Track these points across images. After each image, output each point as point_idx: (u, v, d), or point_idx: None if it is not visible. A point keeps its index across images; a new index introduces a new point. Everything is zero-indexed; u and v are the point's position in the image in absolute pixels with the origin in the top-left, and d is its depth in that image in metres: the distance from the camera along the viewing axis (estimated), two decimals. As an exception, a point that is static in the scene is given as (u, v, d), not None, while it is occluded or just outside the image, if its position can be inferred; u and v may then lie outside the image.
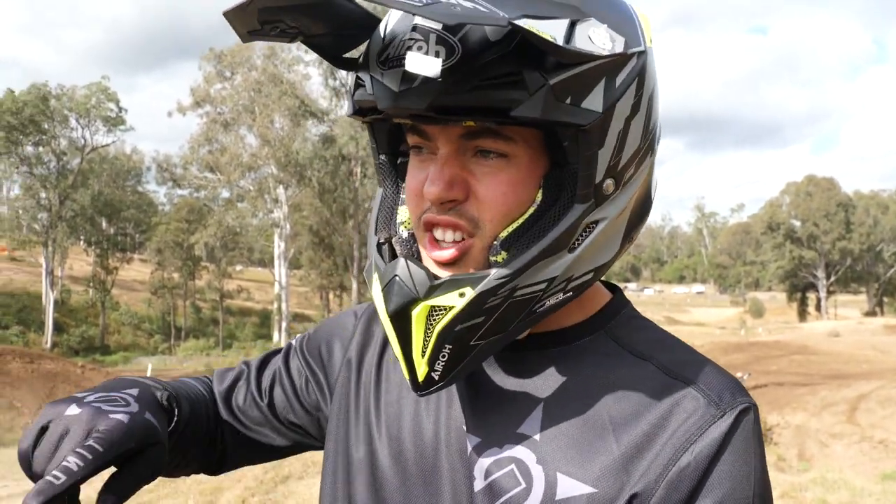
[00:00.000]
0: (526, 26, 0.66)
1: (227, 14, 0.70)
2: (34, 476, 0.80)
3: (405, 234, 0.90)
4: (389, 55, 0.74)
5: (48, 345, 49.27)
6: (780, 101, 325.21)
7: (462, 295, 0.78)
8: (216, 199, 56.29)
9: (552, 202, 0.81)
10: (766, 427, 13.00)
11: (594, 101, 0.75)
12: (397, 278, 0.80)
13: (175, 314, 66.98)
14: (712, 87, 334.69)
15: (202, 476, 1.15)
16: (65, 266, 60.33)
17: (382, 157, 0.94)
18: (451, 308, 0.78)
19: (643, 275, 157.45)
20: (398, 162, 0.94)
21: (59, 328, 54.04)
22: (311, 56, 46.37)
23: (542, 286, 0.80)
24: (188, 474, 1.15)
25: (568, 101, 0.74)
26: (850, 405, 16.75)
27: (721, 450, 0.80)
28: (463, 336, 0.80)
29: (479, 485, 0.86)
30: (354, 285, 49.86)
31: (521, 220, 0.81)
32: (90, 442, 0.79)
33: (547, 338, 0.91)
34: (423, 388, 0.83)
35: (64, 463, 0.77)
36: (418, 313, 0.79)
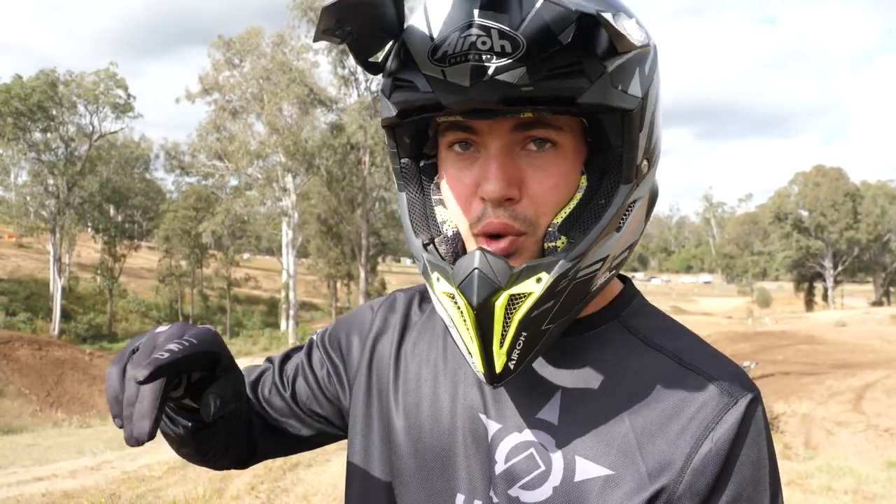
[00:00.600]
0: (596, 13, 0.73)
1: (325, 8, 0.74)
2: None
3: (450, 233, 0.91)
4: (448, 52, 0.76)
5: (56, 332, 49.55)
6: (789, 91, 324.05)
7: (539, 280, 0.80)
8: (224, 188, 56.40)
9: (596, 187, 0.85)
10: (773, 416, 13.04)
11: (636, 87, 0.81)
12: (477, 271, 0.80)
13: (182, 302, 67.22)
14: (722, 76, 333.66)
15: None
16: (72, 253, 60.53)
17: (405, 160, 0.95)
18: (529, 294, 0.80)
19: (651, 264, 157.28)
20: (421, 164, 0.96)
21: (66, 315, 54.29)
22: (321, 44, 46.30)
23: (598, 266, 0.84)
24: (226, 466, 1.18)
25: (620, 87, 0.79)
26: (855, 394, 16.77)
27: (738, 437, 0.85)
28: (537, 321, 0.82)
29: (499, 468, 0.90)
30: (362, 274, 49.94)
31: (572, 206, 0.85)
32: (186, 337, 0.88)
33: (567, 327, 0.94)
34: (500, 378, 0.85)
35: (167, 346, 0.85)
36: (501, 303, 0.80)
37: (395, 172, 0.96)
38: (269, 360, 1.25)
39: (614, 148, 0.84)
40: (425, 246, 0.92)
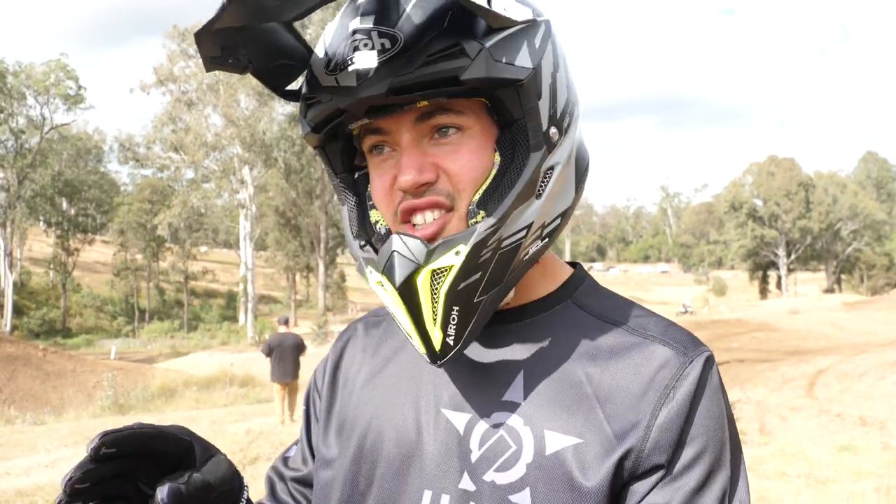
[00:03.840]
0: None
1: (197, 35, 0.77)
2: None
3: (382, 231, 0.94)
4: (337, 62, 0.83)
5: (7, 327, 48.58)
6: (746, 81, 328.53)
7: (458, 253, 0.83)
8: (180, 180, 55.63)
9: (510, 160, 0.88)
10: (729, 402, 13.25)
11: (524, 59, 0.84)
12: (396, 253, 0.84)
13: (138, 296, 66.29)
14: (681, 67, 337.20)
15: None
16: (24, 247, 59.32)
17: (341, 175, 0.99)
18: (451, 267, 0.83)
19: (608, 255, 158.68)
20: (356, 176, 1.00)
21: (18, 311, 53.23)
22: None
23: (523, 233, 0.87)
24: None
25: (503, 60, 0.83)
26: (808, 380, 17.11)
27: (698, 392, 0.88)
28: (467, 294, 0.85)
29: (475, 456, 0.91)
30: (321, 266, 49.70)
31: (488, 182, 0.88)
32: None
33: (519, 311, 0.98)
34: (440, 355, 0.87)
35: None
36: (423, 280, 0.84)
37: (334, 188, 1.01)
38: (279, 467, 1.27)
39: (518, 120, 0.87)
40: (362, 247, 0.95)
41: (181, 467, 0.88)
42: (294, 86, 0.91)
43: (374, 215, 0.96)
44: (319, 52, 0.86)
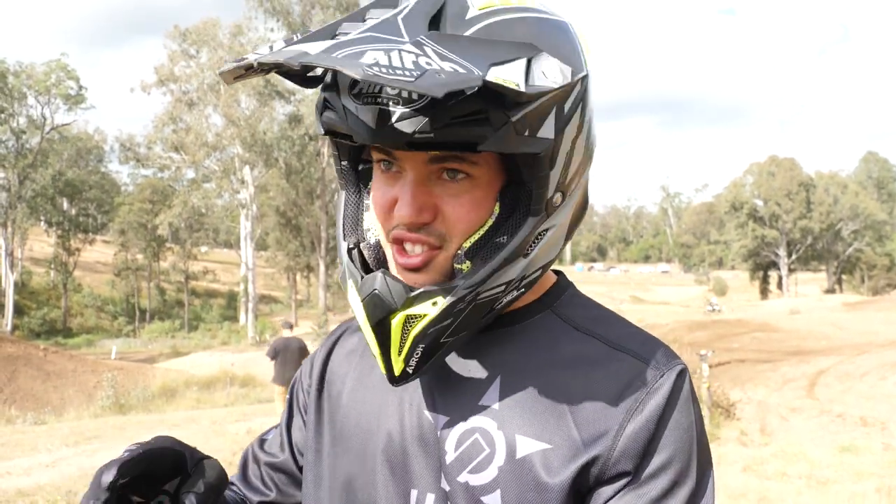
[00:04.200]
0: (493, 78, 0.73)
1: (221, 74, 0.80)
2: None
3: (373, 241, 0.96)
4: (362, 90, 0.80)
5: (8, 327, 48.57)
6: (747, 81, 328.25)
7: (434, 304, 0.86)
8: (181, 180, 55.63)
9: (508, 214, 0.89)
10: (729, 403, 13.25)
11: (547, 129, 0.83)
12: (376, 291, 0.87)
13: (139, 296, 66.29)
14: (682, 67, 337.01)
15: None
16: (25, 247, 59.32)
17: (344, 163, 0.99)
18: (424, 315, 0.87)
19: (609, 255, 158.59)
20: (360, 168, 1.00)
21: (19, 311, 53.23)
22: (278, 35, 45.83)
23: (502, 289, 0.90)
24: None
25: (526, 133, 0.81)
26: (809, 380, 17.11)
27: (668, 405, 0.91)
28: (434, 336, 0.88)
29: (449, 458, 0.94)
30: (322, 266, 49.67)
31: (481, 232, 0.89)
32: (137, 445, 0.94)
33: (500, 319, 0.98)
34: (398, 380, 0.92)
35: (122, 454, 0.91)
36: (397, 321, 0.87)
37: (336, 173, 1.01)
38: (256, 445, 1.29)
39: (526, 183, 0.87)
40: (349, 251, 0.97)
41: (174, 475, 0.95)
42: (316, 71, 0.88)
43: (367, 219, 0.98)
44: None
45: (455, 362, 1.00)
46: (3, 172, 50.95)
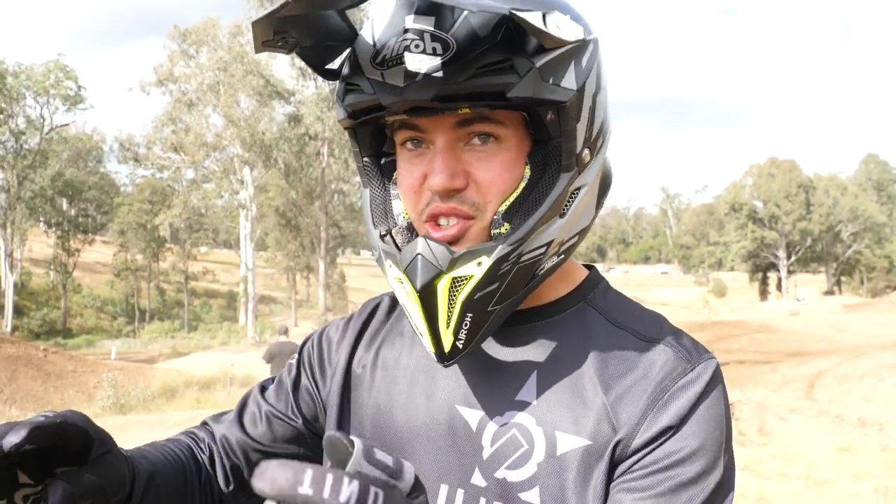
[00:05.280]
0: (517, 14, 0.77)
1: (255, 23, 0.80)
2: None
3: (404, 224, 0.96)
4: (386, 56, 0.82)
5: (8, 328, 48.57)
6: (747, 82, 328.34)
7: (479, 264, 0.86)
8: (180, 180, 55.62)
9: (539, 175, 0.90)
10: (728, 403, 13.27)
11: (569, 80, 0.86)
12: (420, 256, 0.86)
13: (139, 296, 66.26)
14: (682, 67, 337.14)
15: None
16: (24, 248, 59.31)
17: (366, 159, 0.99)
18: (471, 277, 0.86)
19: (609, 255, 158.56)
20: (382, 162, 1.01)
21: (19, 311, 53.23)
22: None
23: (543, 250, 0.90)
24: None
25: (551, 80, 0.84)
26: (808, 381, 17.15)
27: (702, 395, 0.91)
28: (482, 303, 0.87)
29: (486, 453, 0.94)
30: (321, 266, 49.67)
31: (515, 195, 0.90)
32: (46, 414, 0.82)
33: (535, 312, 1.00)
34: (448, 357, 0.89)
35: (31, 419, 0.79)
36: (443, 286, 0.86)
37: (359, 170, 1.01)
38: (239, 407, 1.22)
39: (554, 138, 0.89)
40: (382, 237, 0.96)
41: (73, 461, 0.84)
42: (333, 65, 0.91)
43: (396, 206, 0.98)
44: (366, 38, 0.86)
45: (489, 355, 0.99)
46: (3, 173, 50.94)
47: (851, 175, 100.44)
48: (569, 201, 0.91)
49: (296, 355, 1.19)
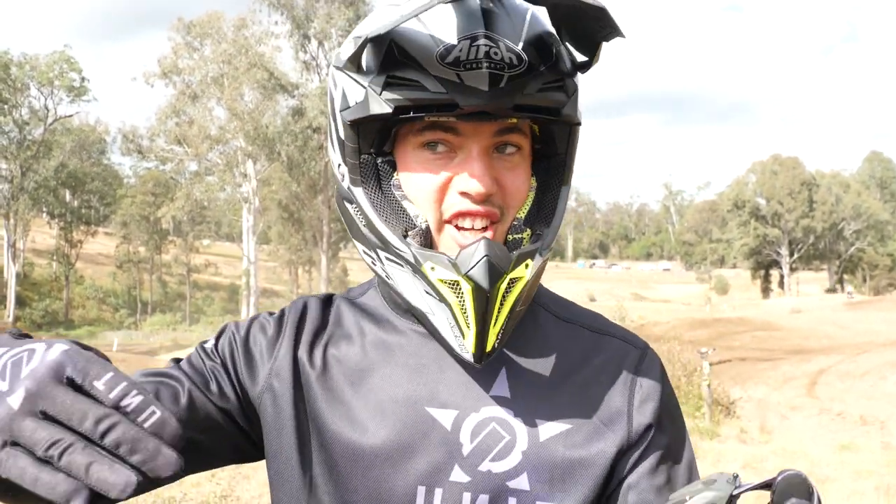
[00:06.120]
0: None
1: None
2: None
3: (423, 226, 0.95)
4: (460, 58, 0.84)
5: (10, 318, 48.64)
6: (751, 79, 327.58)
7: (527, 266, 0.92)
8: (183, 173, 55.61)
9: (544, 186, 0.99)
10: (729, 401, 13.28)
11: (580, 105, 0.96)
12: (488, 259, 0.88)
13: (141, 288, 66.35)
14: (686, 63, 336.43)
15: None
16: (27, 239, 59.37)
17: (365, 156, 0.97)
18: (521, 279, 0.91)
19: (611, 252, 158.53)
20: (379, 161, 0.99)
21: (21, 302, 53.30)
22: (282, 29, 45.84)
23: (549, 254, 0.98)
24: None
25: (577, 103, 0.94)
26: (810, 379, 17.13)
27: (661, 379, 1.05)
28: (520, 304, 0.93)
29: (467, 450, 0.95)
30: (324, 260, 49.68)
31: (529, 203, 0.98)
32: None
33: None
34: (487, 356, 0.92)
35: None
36: (503, 287, 0.90)
37: (352, 167, 0.97)
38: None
39: (558, 154, 0.98)
40: (403, 237, 0.95)
41: None
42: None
43: (410, 208, 0.97)
44: (421, 33, 0.86)
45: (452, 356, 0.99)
46: (6, 164, 50.95)
47: (855, 172, 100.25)
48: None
49: (210, 342, 1.09)
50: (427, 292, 0.94)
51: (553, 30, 0.91)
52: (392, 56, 0.88)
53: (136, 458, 0.59)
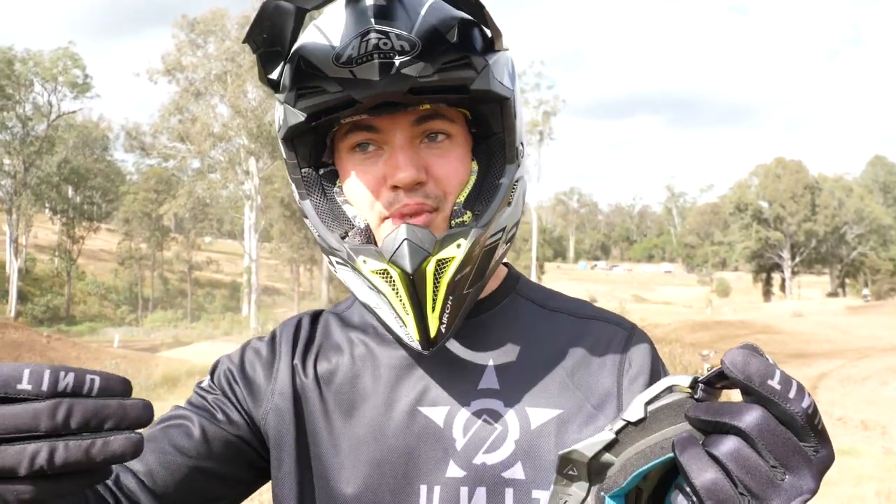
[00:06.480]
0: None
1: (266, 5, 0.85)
2: None
3: (362, 225, 0.98)
4: (352, 56, 0.87)
5: (12, 314, 48.65)
6: (757, 82, 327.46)
7: (458, 246, 0.91)
8: (186, 170, 55.68)
9: (486, 168, 0.99)
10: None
11: (507, 80, 0.96)
12: (407, 241, 0.90)
13: (142, 285, 66.42)
14: (690, 65, 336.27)
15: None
16: (29, 234, 59.41)
17: (305, 170, 1.01)
18: (453, 259, 0.91)
19: (612, 253, 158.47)
20: (321, 172, 1.03)
21: (23, 297, 53.33)
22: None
23: (499, 236, 0.98)
24: None
25: (497, 78, 0.94)
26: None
27: (647, 354, 1.05)
28: (461, 285, 0.93)
29: (460, 444, 0.97)
30: (325, 258, 49.81)
31: (470, 186, 0.98)
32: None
33: (475, 307, 1.04)
34: (433, 342, 0.93)
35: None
36: (430, 269, 0.90)
37: (296, 182, 1.02)
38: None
39: (496, 134, 0.98)
40: (342, 238, 0.99)
41: None
42: (273, 74, 0.94)
43: (349, 210, 1.00)
44: (318, 42, 0.89)
45: (445, 354, 1.02)
46: (9, 159, 50.99)
47: (858, 177, 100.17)
48: (512, 191, 0.98)
49: (206, 381, 1.10)
50: (369, 287, 0.95)
51: (462, 14, 0.91)
52: (300, 70, 0.90)
53: (109, 424, 0.60)
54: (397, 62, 0.87)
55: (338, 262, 0.99)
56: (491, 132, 0.99)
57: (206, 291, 71.01)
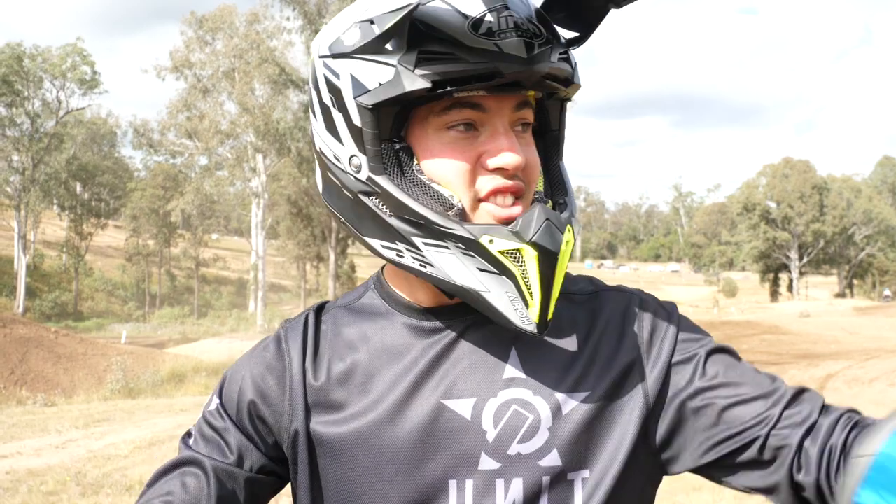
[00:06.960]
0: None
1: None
2: None
3: (459, 206, 0.92)
4: (492, 28, 0.85)
5: (20, 309, 48.88)
6: (765, 82, 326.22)
7: (570, 230, 0.91)
8: (193, 167, 55.80)
9: (545, 162, 1.00)
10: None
11: None
12: (549, 221, 0.88)
13: (150, 281, 66.57)
14: (699, 65, 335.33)
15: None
16: (37, 230, 59.65)
17: (385, 144, 0.93)
18: (570, 241, 0.91)
19: (619, 252, 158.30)
20: (397, 147, 0.94)
21: (31, 293, 53.56)
22: (294, 24, 45.87)
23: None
24: None
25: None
26: (818, 384, 17.04)
27: (660, 310, 1.04)
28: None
29: (491, 436, 0.94)
30: (332, 256, 49.72)
31: (542, 177, 0.99)
32: None
33: None
34: (547, 325, 0.91)
35: None
36: (566, 250, 0.90)
37: (374, 155, 0.93)
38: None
39: (552, 130, 1.01)
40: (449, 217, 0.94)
41: None
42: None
43: (442, 189, 0.93)
44: (444, 12, 0.86)
45: (462, 346, 0.99)
46: (18, 155, 51.19)
47: (867, 177, 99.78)
48: None
49: (214, 402, 1.07)
50: (481, 269, 0.90)
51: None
52: (418, 32, 0.85)
53: None
54: (536, 44, 0.86)
55: (428, 245, 0.92)
56: (548, 129, 1.01)
57: (213, 288, 71.16)
